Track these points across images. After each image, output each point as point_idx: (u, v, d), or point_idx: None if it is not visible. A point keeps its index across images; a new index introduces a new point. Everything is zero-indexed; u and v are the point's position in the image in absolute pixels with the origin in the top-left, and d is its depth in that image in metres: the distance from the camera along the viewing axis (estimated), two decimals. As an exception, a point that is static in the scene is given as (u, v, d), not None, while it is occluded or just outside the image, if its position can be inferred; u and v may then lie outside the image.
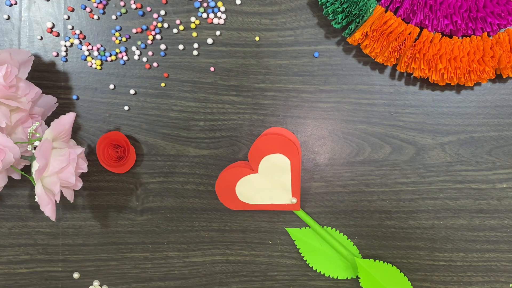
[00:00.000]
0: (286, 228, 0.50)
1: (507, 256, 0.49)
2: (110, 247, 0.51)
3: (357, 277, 0.49)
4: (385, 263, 0.50)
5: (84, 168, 0.45)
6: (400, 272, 0.50)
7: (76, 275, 0.51)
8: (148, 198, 0.51)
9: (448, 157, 0.49)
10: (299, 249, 0.50)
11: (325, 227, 0.50)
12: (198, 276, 0.51)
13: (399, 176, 0.49)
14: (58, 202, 0.42)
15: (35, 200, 0.42)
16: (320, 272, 0.50)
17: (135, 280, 0.52)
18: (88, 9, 0.49)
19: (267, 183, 0.48)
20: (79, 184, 0.44)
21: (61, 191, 0.43)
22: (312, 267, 0.50)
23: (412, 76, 0.48)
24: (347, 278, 0.50)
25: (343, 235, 0.50)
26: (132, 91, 0.49)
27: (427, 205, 0.49)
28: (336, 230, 0.50)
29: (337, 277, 0.50)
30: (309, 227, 0.50)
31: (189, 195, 0.50)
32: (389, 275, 0.49)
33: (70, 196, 0.45)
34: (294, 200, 0.48)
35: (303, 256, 0.50)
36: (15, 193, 0.51)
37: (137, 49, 0.49)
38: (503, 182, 0.49)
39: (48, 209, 0.41)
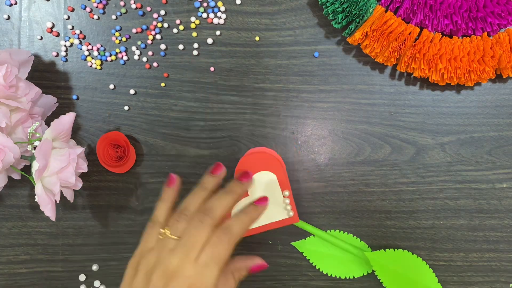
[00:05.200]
0: (291, 243, 0.50)
1: (507, 256, 0.49)
2: (110, 247, 0.51)
3: (373, 271, 0.49)
4: (396, 249, 0.49)
5: (84, 168, 0.45)
6: (413, 254, 0.49)
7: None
8: (148, 198, 0.50)
9: (448, 157, 0.49)
10: (309, 259, 0.50)
11: (328, 231, 0.50)
12: (198, 276, 0.51)
13: (399, 176, 0.49)
14: (58, 202, 0.42)
15: (35, 200, 0.42)
16: (335, 276, 0.50)
17: (135, 280, 0.51)
18: (88, 9, 0.49)
19: None
20: (79, 184, 0.44)
21: (61, 191, 0.43)
22: (324, 271, 0.50)
23: (412, 76, 0.48)
24: (363, 274, 0.50)
25: (348, 233, 0.50)
26: (132, 91, 0.49)
27: (427, 205, 0.49)
28: (340, 231, 0.50)
29: (353, 276, 0.50)
30: (313, 236, 0.50)
31: (189, 195, 0.50)
32: (403, 261, 0.49)
33: (70, 196, 0.45)
34: (292, 214, 0.48)
35: (315, 265, 0.50)
36: (15, 193, 0.51)
37: (137, 49, 0.49)
38: (503, 182, 0.49)
39: (48, 209, 0.41)
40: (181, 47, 0.49)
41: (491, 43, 0.44)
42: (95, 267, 0.51)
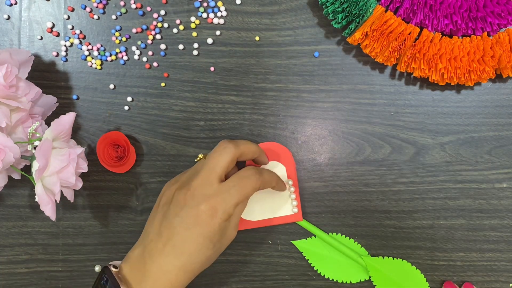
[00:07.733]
0: (292, 241, 0.50)
1: (507, 256, 0.49)
2: (110, 247, 0.51)
3: (370, 278, 0.49)
4: (395, 258, 0.49)
5: (84, 168, 0.45)
6: (412, 265, 0.49)
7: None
8: (148, 198, 0.51)
9: (448, 157, 0.49)
10: (308, 259, 0.50)
11: (330, 233, 0.50)
12: (198, 276, 0.51)
13: (399, 176, 0.49)
14: (58, 202, 0.42)
15: (35, 200, 0.42)
16: (333, 279, 0.50)
17: (135, 280, 0.51)
18: (88, 9, 0.49)
19: (266, 196, 0.48)
20: (79, 184, 0.44)
21: (61, 191, 0.43)
22: (321, 273, 0.50)
23: (412, 76, 0.48)
24: (360, 281, 0.50)
25: (349, 238, 0.50)
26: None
27: (427, 205, 0.49)
28: (342, 235, 0.50)
29: (351, 282, 0.50)
30: (315, 236, 0.50)
31: (189, 195, 0.50)
32: (400, 270, 0.49)
33: (70, 196, 0.45)
34: (296, 210, 0.48)
35: (314, 266, 0.50)
36: (15, 193, 0.51)
37: (137, 49, 0.49)
38: (503, 182, 0.49)
39: (48, 209, 0.41)
40: (181, 47, 0.49)
41: (491, 43, 0.44)
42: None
